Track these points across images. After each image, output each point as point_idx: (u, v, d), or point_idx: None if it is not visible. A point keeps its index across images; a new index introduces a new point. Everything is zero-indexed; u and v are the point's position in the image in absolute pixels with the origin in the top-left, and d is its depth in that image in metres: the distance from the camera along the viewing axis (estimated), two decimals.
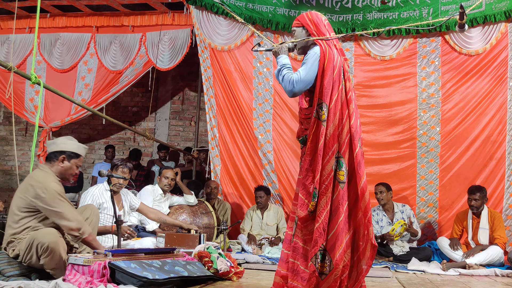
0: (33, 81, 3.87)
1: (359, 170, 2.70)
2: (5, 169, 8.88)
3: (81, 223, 3.07)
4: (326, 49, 2.74)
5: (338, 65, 2.74)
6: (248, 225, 5.83)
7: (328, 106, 2.68)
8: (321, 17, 2.90)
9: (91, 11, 7.09)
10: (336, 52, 2.78)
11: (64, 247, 2.96)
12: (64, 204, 3.04)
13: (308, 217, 2.69)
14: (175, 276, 2.95)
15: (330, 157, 2.67)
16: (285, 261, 2.82)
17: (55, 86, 5.28)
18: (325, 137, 2.66)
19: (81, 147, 3.36)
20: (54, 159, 3.22)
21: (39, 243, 2.87)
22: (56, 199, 3.02)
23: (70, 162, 3.25)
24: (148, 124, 8.34)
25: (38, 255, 2.89)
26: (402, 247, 5.29)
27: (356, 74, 6.13)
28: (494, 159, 5.66)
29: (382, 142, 6.03)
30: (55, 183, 3.11)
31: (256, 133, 6.26)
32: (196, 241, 4.08)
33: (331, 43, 2.81)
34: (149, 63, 6.99)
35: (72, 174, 3.30)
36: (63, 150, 3.24)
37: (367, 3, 5.96)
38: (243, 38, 6.27)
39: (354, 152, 2.72)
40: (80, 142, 3.46)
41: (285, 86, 2.74)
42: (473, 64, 5.79)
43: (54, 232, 2.93)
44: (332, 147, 2.67)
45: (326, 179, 2.66)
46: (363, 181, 2.70)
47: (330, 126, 2.67)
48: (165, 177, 5.27)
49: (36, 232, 2.95)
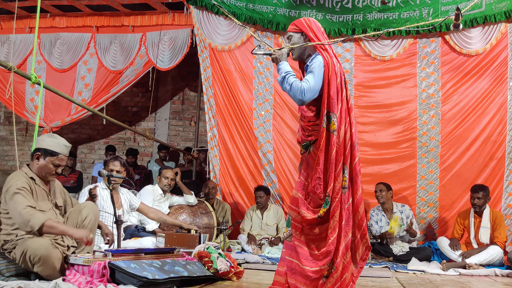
0: (33, 81, 3.87)
1: (358, 180, 2.78)
2: (5, 169, 8.88)
3: (27, 216, 2.83)
4: (328, 59, 2.76)
5: (339, 74, 2.78)
6: (248, 225, 5.83)
7: (337, 116, 2.71)
8: (319, 25, 2.92)
9: (91, 11, 7.09)
10: (336, 61, 2.81)
11: (57, 257, 2.87)
12: (15, 199, 2.87)
13: (315, 221, 2.72)
14: (175, 276, 2.95)
15: (341, 166, 2.72)
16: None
17: (55, 86, 5.28)
18: (337, 146, 2.71)
19: (60, 145, 3.12)
20: (32, 157, 3.11)
21: (31, 255, 2.82)
22: (10, 194, 2.89)
23: (46, 160, 3.06)
24: (148, 124, 8.34)
25: (32, 264, 2.86)
26: (402, 247, 5.30)
27: (356, 74, 6.13)
28: (495, 159, 5.66)
29: (382, 142, 6.03)
30: (18, 180, 2.95)
31: (256, 133, 6.26)
32: (196, 241, 4.09)
33: (330, 52, 2.83)
34: (149, 63, 6.99)
35: (49, 173, 3.10)
36: (38, 147, 3.10)
37: (367, 4, 5.96)
38: (244, 38, 6.27)
39: (354, 161, 2.78)
40: (80, 142, 3.37)
41: (294, 95, 2.73)
42: (473, 64, 5.79)
43: (46, 245, 2.83)
44: (342, 156, 2.72)
45: (340, 188, 2.71)
46: (359, 193, 2.78)
47: (340, 135, 2.72)
48: (165, 177, 5.26)
49: (29, 242, 2.86)
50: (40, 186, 3.11)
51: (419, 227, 5.76)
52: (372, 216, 5.61)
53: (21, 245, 2.90)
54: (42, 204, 3.07)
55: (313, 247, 2.75)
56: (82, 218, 3.24)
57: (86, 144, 8.70)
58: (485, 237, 5.01)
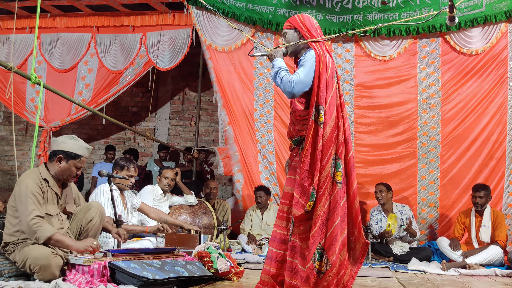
0: (33, 81, 3.87)
1: (353, 173, 2.81)
2: (5, 169, 8.88)
3: (34, 227, 2.84)
4: (320, 53, 2.80)
5: (331, 68, 2.81)
6: (248, 225, 5.83)
7: (324, 108, 2.73)
8: (313, 20, 2.96)
9: (91, 11, 7.09)
10: (328, 56, 2.85)
11: (57, 265, 2.86)
12: (26, 203, 2.86)
13: (304, 217, 2.73)
14: (175, 276, 2.95)
15: (328, 158, 2.72)
16: (275, 260, 2.86)
17: (56, 86, 5.28)
18: (323, 139, 2.72)
19: (82, 148, 3.13)
20: (53, 158, 3.08)
21: (31, 264, 2.83)
22: (22, 197, 2.89)
23: (68, 163, 3.06)
24: (148, 124, 8.35)
25: (32, 272, 2.86)
26: (402, 247, 5.30)
27: (357, 74, 6.13)
28: (495, 159, 5.66)
29: (383, 142, 6.03)
30: (31, 180, 2.94)
31: (257, 134, 6.26)
32: (196, 241, 4.09)
33: (323, 47, 2.87)
34: (149, 63, 6.99)
35: (71, 176, 3.11)
36: (61, 149, 3.08)
37: (367, 4, 5.95)
38: (244, 39, 6.25)
39: (348, 155, 2.81)
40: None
41: (284, 88, 2.78)
42: (473, 64, 5.79)
43: (46, 254, 2.82)
44: (329, 149, 2.73)
45: (325, 181, 2.71)
46: (354, 185, 2.81)
47: (327, 128, 2.73)
48: (165, 177, 5.26)
49: (29, 250, 2.86)
50: (52, 189, 3.08)
51: (420, 227, 5.76)
52: (372, 217, 5.61)
53: (21, 252, 2.90)
54: (50, 207, 3.05)
55: (304, 244, 2.76)
56: (87, 220, 3.24)
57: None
58: (486, 236, 5.02)
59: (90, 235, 3.23)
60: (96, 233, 3.28)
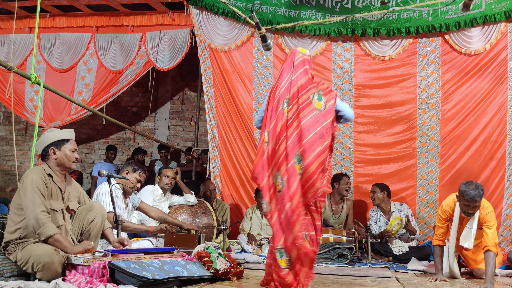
0: (32, 81, 3.87)
1: (292, 181, 3.08)
2: (5, 169, 8.89)
3: (40, 224, 2.89)
4: (275, 84, 3.33)
5: (279, 95, 3.24)
6: (248, 225, 5.83)
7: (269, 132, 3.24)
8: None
9: (91, 11, 7.09)
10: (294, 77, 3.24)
11: (60, 262, 2.87)
12: (33, 198, 2.91)
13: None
14: (175, 276, 2.95)
15: (271, 171, 3.20)
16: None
17: (55, 86, 5.28)
18: (267, 155, 3.22)
19: (65, 132, 3.26)
20: (46, 155, 3.16)
21: (34, 262, 2.84)
22: (28, 192, 2.93)
23: (61, 150, 3.16)
24: (148, 124, 8.35)
25: (34, 270, 2.87)
26: (401, 246, 5.30)
27: (356, 74, 6.13)
28: (495, 159, 5.66)
29: (382, 142, 6.03)
30: (36, 174, 3.00)
31: (256, 134, 6.26)
32: (196, 241, 4.09)
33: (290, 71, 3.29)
34: (149, 63, 6.99)
35: (71, 161, 3.18)
36: (48, 143, 3.17)
37: (367, 4, 5.95)
38: (243, 39, 6.26)
39: (288, 166, 3.10)
40: (80, 142, 3.41)
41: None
42: (473, 64, 5.79)
43: (49, 251, 2.84)
44: (271, 162, 3.20)
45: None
46: (292, 189, 3.06)
47: (269, 147, 3.21)
48: (166, 176, 5.27)
49: (32, 248, 2.88)
50: (56, 184, 3.13)
51: (420, 227, 5.75)
52: (371, 217, 5.62)
53: (24, 250, 2.91)
54: (54, 203, 3.09)
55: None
56: (89, 221, 3.27)
57: (86, 144, 8.70)
58: (465, 238, 4.08)
59: (92, 236, 3.26)
60: (98, 234, 3.31)
